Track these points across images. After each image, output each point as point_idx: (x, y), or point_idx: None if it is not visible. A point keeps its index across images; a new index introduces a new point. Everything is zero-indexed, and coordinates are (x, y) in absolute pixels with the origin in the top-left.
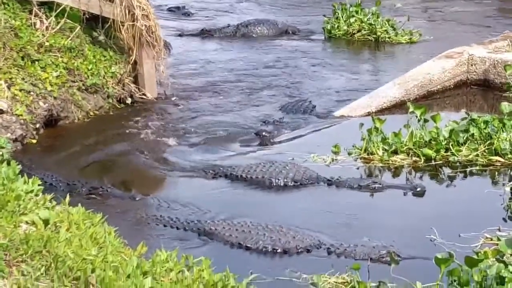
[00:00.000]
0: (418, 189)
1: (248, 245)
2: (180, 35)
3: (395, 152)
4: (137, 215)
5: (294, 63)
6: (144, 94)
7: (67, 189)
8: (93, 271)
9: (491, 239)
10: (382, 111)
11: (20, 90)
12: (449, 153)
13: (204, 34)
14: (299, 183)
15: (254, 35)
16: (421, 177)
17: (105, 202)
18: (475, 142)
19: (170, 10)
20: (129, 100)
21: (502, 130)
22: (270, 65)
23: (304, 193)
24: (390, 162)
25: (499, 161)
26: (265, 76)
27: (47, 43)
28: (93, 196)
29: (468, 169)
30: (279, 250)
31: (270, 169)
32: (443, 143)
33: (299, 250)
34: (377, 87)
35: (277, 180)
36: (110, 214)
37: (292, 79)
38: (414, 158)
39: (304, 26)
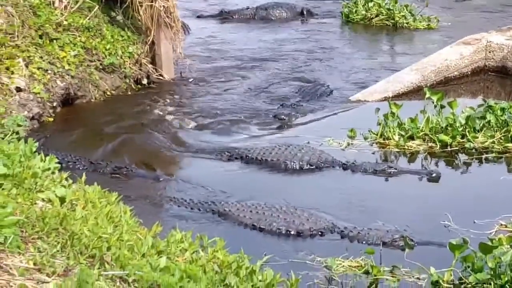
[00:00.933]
0: (434, 175)
1: (262, 227)
2: (199, 17)
3: (411, 138)
4: (157, 195)
5: (312, 48)
6: (161, 75)
7: (91, 168)
8: (108, 249)
9: (506, 226)
10: (398, 96)
11: (38, 69)
12: (465, 140)
13: (223, 16)
14: (314, 167)
15: (272, 18)
16: (436, 163)
17: (128, 181)
18: (492, 129)
19: None
20: (145, 81)
21: None
22: (288, 48)
23: (319, 176)
24: (406, 147)
25: None
26: (283, 59)
27: (65, 22)
28: (117, 175)
29: (484, 156)
30: (292, 232)
31: (285, 152)
32: (460, 130)
33: (313, 232)
34: (394, 72)
35: (292, 163)
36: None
37: (309, 63)
38: (430, 144)
39: (321, 10)
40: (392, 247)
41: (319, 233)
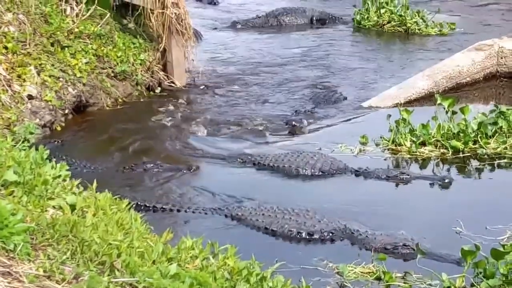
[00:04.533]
0: (446, 181)
1: (274, 229)
2: (215, 29)
3: (423, 144)
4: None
5: (324, 54)
6: (172, 82)
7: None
8: (118, 256)
9: None
10: (410, 102)
11: (50, 76)
12: (477, 146)
13: (235, 25)
14: (326, 173)
15: (283, 25)
16: (448, 169)
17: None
18: (504, 135)
19: None
20: (158, 89)
21: None
22: (300, 55)
23: (331, 183)
24: (418, 153)
25: None
26: (295, 66)
27: (77, 30)
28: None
29: (496, 162)
30: (303, 234)
31: (297, 159)
32: (472, 136)
33: (323, 234)
34: (406, 78)
35: (304, 170)
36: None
37: (322, 70)
38: (442, 150)
39: (333, 17)
40: (393, 254)
41: (330, 234)
